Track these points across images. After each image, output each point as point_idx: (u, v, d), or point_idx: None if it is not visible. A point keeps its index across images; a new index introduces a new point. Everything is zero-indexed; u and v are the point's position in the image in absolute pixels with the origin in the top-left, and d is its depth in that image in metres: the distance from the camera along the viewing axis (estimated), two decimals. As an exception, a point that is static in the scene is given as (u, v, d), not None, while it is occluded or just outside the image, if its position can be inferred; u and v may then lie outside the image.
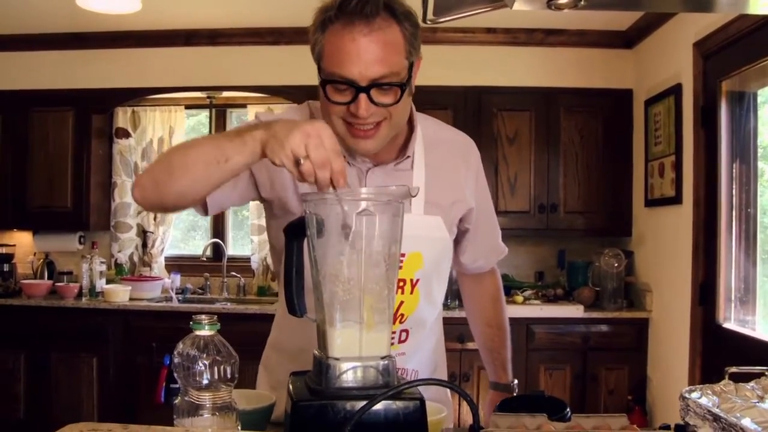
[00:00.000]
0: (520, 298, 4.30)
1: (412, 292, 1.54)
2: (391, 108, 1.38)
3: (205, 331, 1.06)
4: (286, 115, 1.61)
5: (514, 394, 1.79)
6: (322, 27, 1.37)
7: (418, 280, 1.54)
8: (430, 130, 1.62)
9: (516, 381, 1.83)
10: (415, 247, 1.05)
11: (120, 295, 4.37)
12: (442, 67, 4.53)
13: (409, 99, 1.48)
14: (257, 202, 1.64)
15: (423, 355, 1.68)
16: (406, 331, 1.58)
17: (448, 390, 1.74)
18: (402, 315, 1.55)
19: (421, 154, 1.57)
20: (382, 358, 1.05)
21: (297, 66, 2.02)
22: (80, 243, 4.91)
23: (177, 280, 4.85)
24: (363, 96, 1.33)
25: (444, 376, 1.81)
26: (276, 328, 1.75)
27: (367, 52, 1.31)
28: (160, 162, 1.39)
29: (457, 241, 1.73)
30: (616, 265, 4.31)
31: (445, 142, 1.65)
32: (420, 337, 1.63)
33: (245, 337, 1.84)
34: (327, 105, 1.40)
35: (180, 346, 1.06)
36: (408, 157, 1.55)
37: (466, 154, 1.70)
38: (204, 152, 1.27)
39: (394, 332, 1.52)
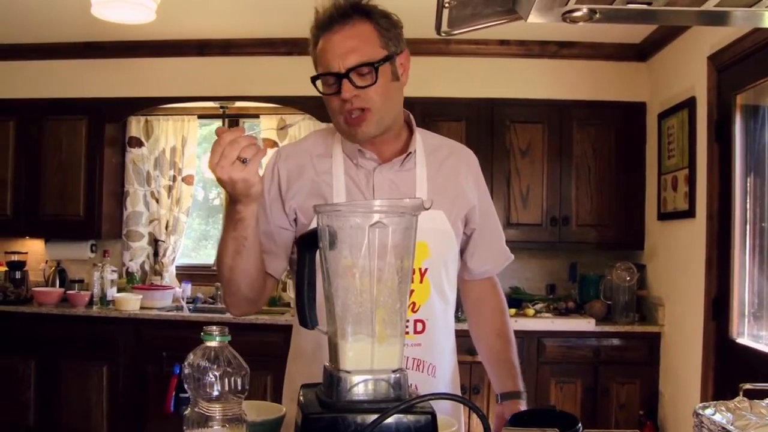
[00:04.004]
0: (531, 311, 4.27)
1: (421, 281, 1.63)
2: (373, 93, 1.55)
3: (216, 343, 1.06)
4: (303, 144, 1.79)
5: (524, 401, 1.75)
6: (314, 44, 1.63)
7: (426, 269, 1.64)
8: (428, 137, 1.77)
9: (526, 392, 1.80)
10: (419, 237, 1.08)
11: (131, 303, 4.38)
12: (455, 79, 4.54)
13: (397, 88, 1.63)
14: None
15: (442, 354, 1.70)
16: (422, 322, 1.64)
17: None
18: (414, 303, 1.62)
19: (422, 155, 1.70)
20: (394, 371, 1.04)
21: (310, 77, 2.02)
22: (92, 251, 4.93)
23: (188, 289, 4.85)
24: (344, 81, 1.54)
25: (458, 386, 1.82)
26: (294, 337, 1.76)
27: (341, 46, 1.55)
28: (222, 283, 1.60)
29: (465, 246, 1.79)
30: (628, 278, 4.29)
31: (444, 147, 1.79)
32: (436, 331, 1.67)
33: (255, 347, 1.85)
34: (328, 104, 1.61)
35: (191, 357, 1.05)
36: (411, 153, 1.67)
37: (463, 157, 1.82)
38: (227, 249, 1.50)
39: (407, 321, 1.58)
